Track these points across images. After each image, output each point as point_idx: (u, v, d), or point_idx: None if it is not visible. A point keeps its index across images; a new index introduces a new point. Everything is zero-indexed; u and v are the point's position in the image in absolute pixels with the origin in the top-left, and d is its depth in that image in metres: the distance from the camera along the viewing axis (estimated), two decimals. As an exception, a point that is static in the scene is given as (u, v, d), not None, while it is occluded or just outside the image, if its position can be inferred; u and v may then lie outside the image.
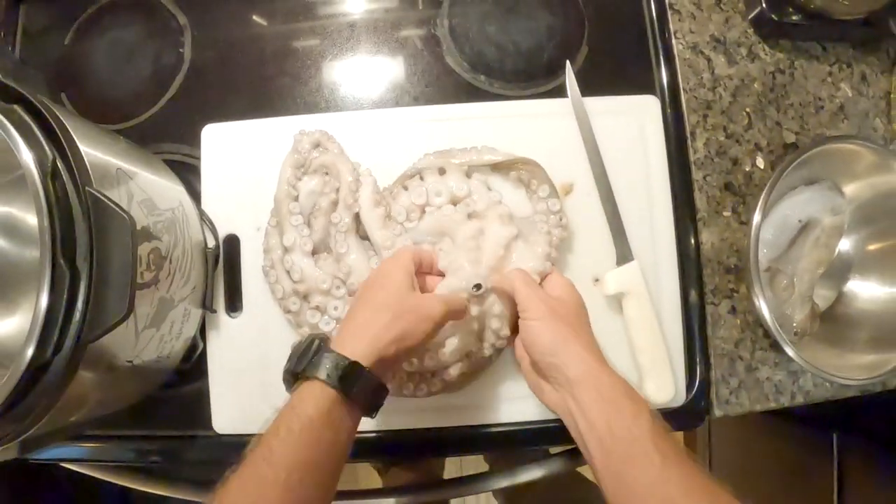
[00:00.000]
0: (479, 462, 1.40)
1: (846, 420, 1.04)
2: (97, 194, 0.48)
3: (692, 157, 0.74)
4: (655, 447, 0.48)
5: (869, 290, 0.74)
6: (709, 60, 0.77)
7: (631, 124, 0.73)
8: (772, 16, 0.75)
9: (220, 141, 0.73)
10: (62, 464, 0.75)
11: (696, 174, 0.74)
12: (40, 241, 0.46)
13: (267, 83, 0.78)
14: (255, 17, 0.80)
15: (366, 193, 0.67)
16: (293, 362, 0.52)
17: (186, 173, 0.72)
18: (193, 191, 0.71)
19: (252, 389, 0.70)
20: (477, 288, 0.60)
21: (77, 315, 0.47)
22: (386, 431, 0.69)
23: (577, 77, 0.73)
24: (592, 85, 0.74)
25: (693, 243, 0.73)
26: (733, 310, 0.73)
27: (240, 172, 0.73)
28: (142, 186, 0.58)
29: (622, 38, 0.79)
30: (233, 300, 0.71)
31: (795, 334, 0.72)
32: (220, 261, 0.71)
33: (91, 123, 0.58)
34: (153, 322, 0.58)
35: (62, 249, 0.46)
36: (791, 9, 0.74)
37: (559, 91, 0.75)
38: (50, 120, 0.50)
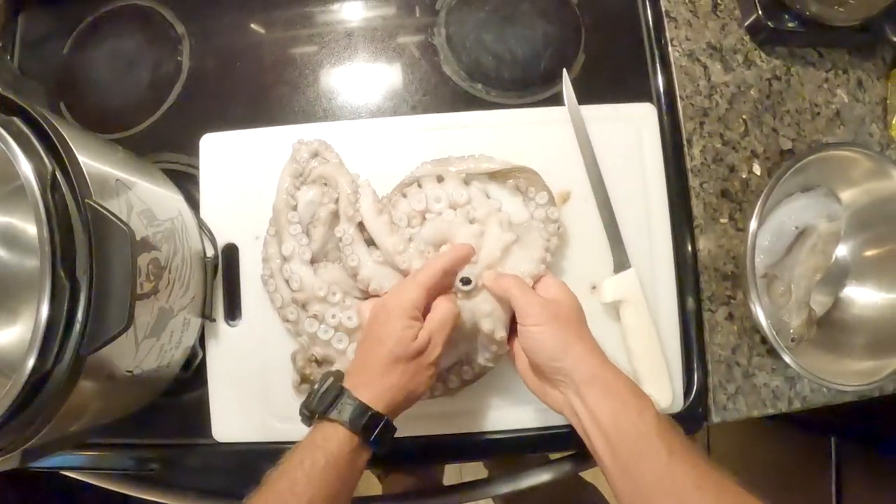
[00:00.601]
0: (479, 468, 1.40)
1: (844, 425, 1.04)
2: (97, 206, 0.48)
3: (689, 165, 0.75)
4: (662, 441, 0.49)
5: (865, 296, 0.75)
6: (705, 67, 0.77)
7: (628, 132, 0.73)
8: (768, 23, 0.75)
9: (219, 150, 0.74)
10: (63, 472, 0.75)
11: (693, 181, 0.74)
12: (40, 254, 0.46)
13: (265, 92, 0.78)
14: (254, 27, 0.80)
15: (367, 203, 0.67)
16: (314, 402, 0.55)
17: (185, 182, 0.73)
18: (192, 200, 0.72)
19: (251, 397, 0.71)
20: (465, 282, 0.61)
21: (77, 327, 0.47)
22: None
23: (574, 85, 0.73)
24: (589, 93, 0.74)
25: (690, 250, 0.73)
26: (730, 316, 0.73)
27: (238, 181, 0.73)
28: (141, 197, 0.58)
29: (619, 46, 0.79)
30: (232, 309, 0.72)
31: (792, 340, 0.72)
32: (219, 270, 0.71)
33: (90, 134, 0.58)
34: (153, 332, 0.58)
35: (62, 261, 0.47)
36: (787, 16, 0.75)
37: (556, 99, 0.75)
38: (49, 132, 0.51)
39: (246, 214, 0.72)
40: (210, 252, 0.70)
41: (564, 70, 0.74)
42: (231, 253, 0.72)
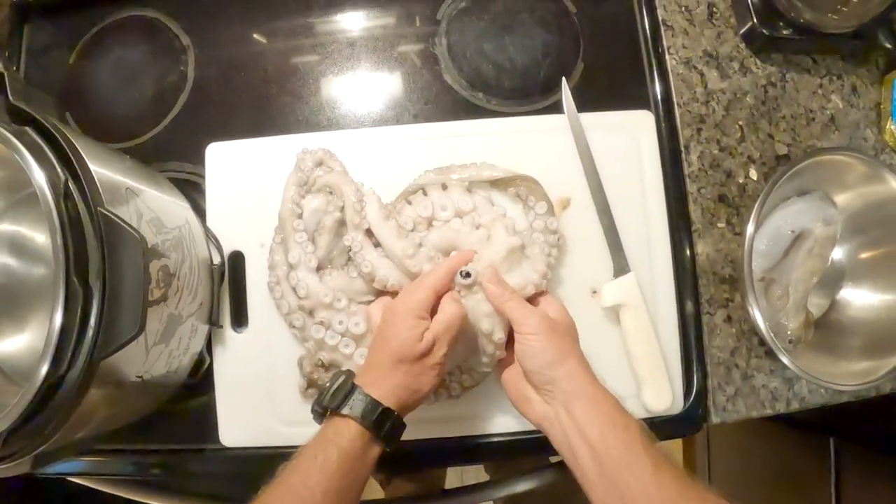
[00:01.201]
0: (480, 472, 1.41)
1: (843, 425, 1.05)
2: (109, 214, 0.49)
3: (686, 170, 0.76)
4: (648, 454, 0.50)
5: (862, 298, 0.76)
6: (702, 75, 0.78)
7: (626, 139, 0.75)
8: (763, 30, 0.76)
9: (224, 159, 0.75)
10: (69, 478, 0.76)
11: (691, 186, 0.76)
12: (54, 261, 0.47)
13: (269, 102, 0.79)
14: (257, 37, 0.81)
15: (373, 210, 0.68)
16: (326, 398, 0.56)
17: (191, 191, 0.74)
18: (198, 208, 0.73)
19: (258, 403, 0.72)
20: (465, 276, 0.61)
21: (90, 332, 0.48)
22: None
23: (573, 93, 0.75)
24: (588, 100, 0.75)
25: (688, 254, 0.74)
26: (729, 319, 0.74)
27: (244, 190, 0.74)
28: (149, 205, 0.59)
29: (617, 55, 0.80)
30: (238, 315, 0.73)
31: (790, 342, 0.73)
32: (226, 277, 0.72)
33: (99, 143, 0.59)
34: (162, 338, 0.59)
35: (75, 268, 0.47)
36: (782, 23, 0.76)
37: (556, 107, 0.76)
38: (61, 141, 0.52)
39: (251, 223, 0.73)
40: (217, 260, 0.71)
41: (563, 78, 0.75)
42: (237, 260, 0.73)
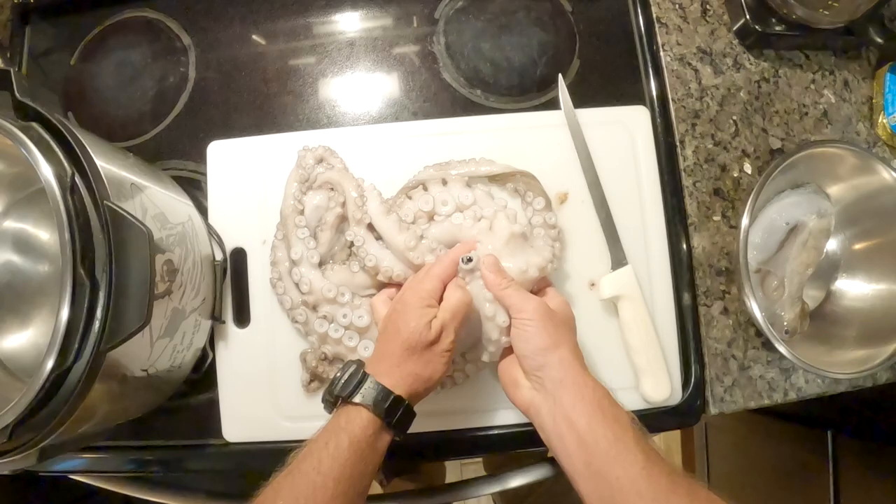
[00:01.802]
0: (479, 471, 1.41)
1: (840, 418, 1.06)
2: (115, 207, 0.50)
3: (682, 165, 0.77)
4: (638, 446, 0.50)
5: (856, 289, 0.77)
6: (696, 71, 0.80)
7: (622, 134, 0.76)
8: (755, 27, 0.77)
9: (226, 157, 0.76)
10: (72, 476, 0.76)
11: (686, 181, 0.77)
12: (61, 254, 0.48)
13: (270, 101, 0.80)
14: (257, 38, 0.82)
15: (374, 205, 0.69)
16: (338, 387, 0.57)
17: (193, 189, 0.75)
18: (200, 206, 0.73)
19: (261, 398, 0.72)
20: (467, 261, 0.62)
21: (97, 324, 0.49)
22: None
23: (570, 90, 0.76)
24: (584, 97, 0.77)
25: (685, 247, 0.75)
26: (725, 311, 0.75)
27: (245, 187, 0.75)
28: (154, 201, 0.60)
29: (612, 52, 0.81)
30: (241, 311, 0.73)
31: (786, 333, 0.74)
32: (228, 273, 0.73)
33: (103, 140, 0.60)
34: (166, 332, 0.60)
35: (82, 261, 0.48)
36: (774, 20, 0.77)
37: (553, 104, 0.77)
38: (67, 136, 0.52)
39: (253, 219, 0.74)
40: (219, 256, 0.72)
41: (560, 75, 0.77)
42: (239, 257, 0.74)
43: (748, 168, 0.78)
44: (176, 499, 0.78)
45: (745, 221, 0.70)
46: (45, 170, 0.49)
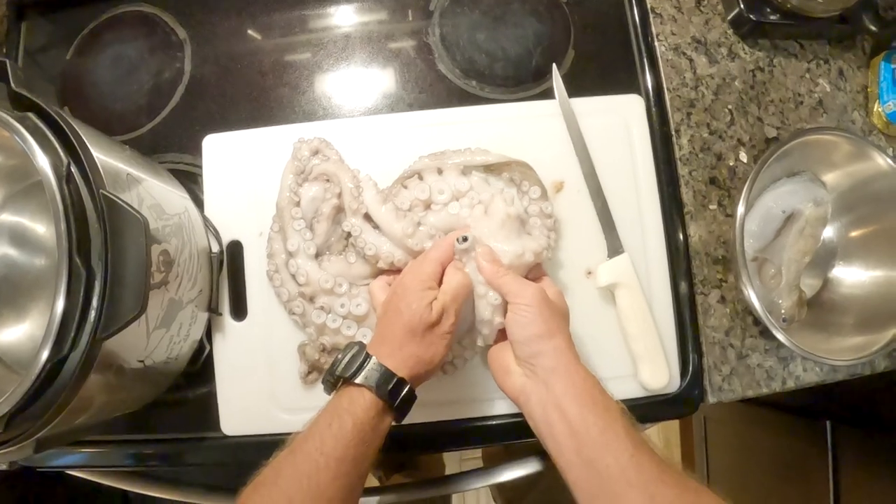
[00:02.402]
0: (478, 464, 1.41)
1: (838, 408, 1.06)
2: (111, 196, 0.50)
3: (678, 154, 0.77)
4: (627, 435, 0.50)
5: (853, 276, 0.77)
6: (691, 61, 0.80)
7: (617, 123, 0.76)
8: (750, 16, 0.78)
9: (221, 150, 0.76)
10: (70, 471, 0.76)
11: (682, 170, 0.77)
12: (57, 243, 0.48)
13: (265, 93, 0.80)
14: (253, 31, 0.82)
15: (370, 194, 0.69)
16: (340, 367, 0.56)
17: (189, 182, 0.75)
18: (197, 198, 0.73)
19: (259, 391, 0.72)
20: (463, 240, 0.62)
21: (93, 313, 0.49)
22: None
23: (565, 80, 0.76)
24: (580, 87, 0.77)
25: (681, 236, 0.75)
26: (722, 299, 0.75)
27: (241, 180, 0.75)
28: (150, 192, 0.60)
29: (607, 43, 0.82)
30: (238, 304, 0.73)
31: (784, 321, 0.74)
32: (225, 265, 0.73)
33: (99, 133, 0.60)
34: (163, 322, 0.60)
35: (78, 250, 0.48)
36: (768, 9, 0.78)
37: (548, 94, 0.77)
38: (63, 126, 0.52)
39: (249, 212, 0.74)
40: (215, 248, 0.72)
41: (554, 65, 0.77)
42: (236, 250, 0.74)
43: (744, 157, 0.78)
44: (174, 493, 0.78)
45: (741, 210, 0.70)
46: (41, 159, 0.49)
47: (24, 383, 0.48)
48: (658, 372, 0.70)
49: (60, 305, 0.47)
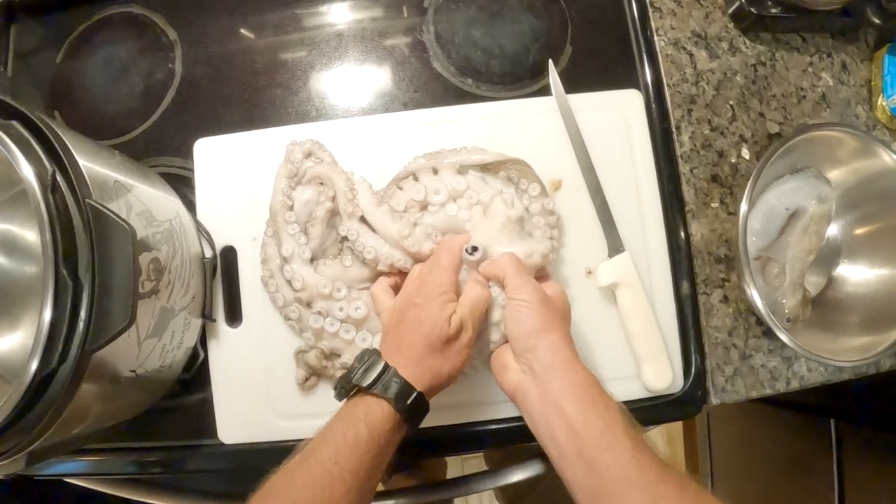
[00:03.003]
0: (480, 464, 1.40)
1: (843, 406, 1.05)
2: (97, 206, 0.49)
3: (678, 151, 0.76)
4: (627, 435, 0.49)
5: (858, 274, 0.76)
6: (691, 56, 0.78)
7: (615, 119, 0.74)
8: (751, 9, 0.76)
9: (213, 154, 0.74)
10: (67, 479, 0.76)
11: (683, 167, 0.75)
12: (43, 254, 0.47)
13: (258, 94, 0.79)
14: (245, 31, 0.81)
15: (365, 196, 0.67)
16: (357, 376, 0.55)
17: (181, 186, 0.74)
18: (189, 202, 0.72)
19: (255, 397, 0.71)
20: (473, 250, 0.61)
21: (81, 325, 0.48)
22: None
23: (563, 77, 0.74)
24: (577, 84, 0.75)
25: (683, 235, 0.74)
26: (725, 299, 0.74)
27: (233, 184, 0.73)
28: (139, 198, 0.59)
29: (605, 38, 0.80)
30: (232, 310, 0.72)
31: (788, 321, 0.73)
32: (218, 271, 0.72)
33: (87, 138, 0.59)
34: (155, 331, 0.59)
35: (64, 261, 0.47)
36: (770, 2, 0.76)
37: (545, 91, 0.76)
38: (48, 134, 0.51)
39: (242, 217, 0.73)
40: (208, 253, 0.71)
41: (550, 60, 0.75)
42: (230, 255, 0.72)
43: (746, 153, 0.77)
44: (173, 500, 0.77)
45: (744, 207, 0.69)
46: (26, 168, 0.48)
47: (14, 397, 0.47)
48: (661, 373, 0.69)
49: (48, 318, 0.46)
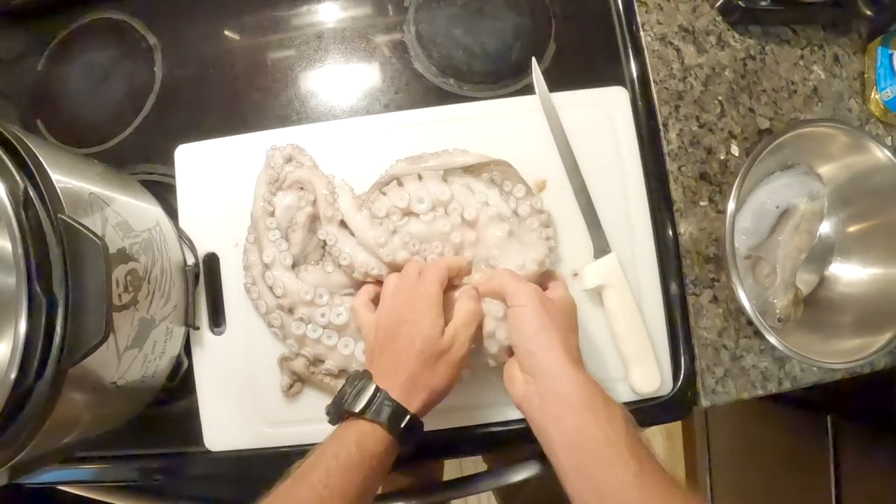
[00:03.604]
0: (479, 464, 1.40)
1: (840, 402, 1.04)
2: (69, 221, 0.48)
3: (666, 149, 0.74)
4: (631, 452, 0.47)
5: (851, 273, 0.75)
6: (678, 51, 0.77)
7: (601, 116, 0.73)
8: (739, 2, 0.74)
9: (194, 161, 0.74)
10: (57, 487, 0.76)
11: (671, 165, 0.74)
12: (16, 270, 0.46)
13: (238, 99, 0.78)
14: (225, 34, 0.80)
15: (345, 201, 0.67)
16: (348, 401, 0.55)
17: (164, 192, 0.73)
18: (172, 209, 0.72)
19: (240, 404, 0.71)
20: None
21: (56, 340, 0.47)
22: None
23: (547, 75, 0.73)
24: (562, 82, 0.74)
25: (671, 234, 0.73)
26: (715, 299, 0.73)
27: (215, 191, 0.73)
28: (117, 210, 0.58)
29: (590, 34, 0.78)
30: (216, 317, 0.72)
31: (779, 321, 0.72)
32: (201, 278, 0.71)
33: (64, 150, 0.59)
34: (135, 342, 0.59)
35: (38, 277, 0.47)
36: (759, -6, 0.74)
37: (529, 90, 0.75)
38: (19, 149, 0.51)
39: (224, 223, 0.72)
40: (191, 260, 0.70)
41: (533, 57, 0.74)
42: (212, 262, 0.72)
43: (735, 150, 0.75)
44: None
45: (732, 206, 0.68)
46: (-2, 184, 0.48)
47: (-10, 414, 0.47)
48: (649, 375, 0.68)
49: (22, 334, 0.46)
